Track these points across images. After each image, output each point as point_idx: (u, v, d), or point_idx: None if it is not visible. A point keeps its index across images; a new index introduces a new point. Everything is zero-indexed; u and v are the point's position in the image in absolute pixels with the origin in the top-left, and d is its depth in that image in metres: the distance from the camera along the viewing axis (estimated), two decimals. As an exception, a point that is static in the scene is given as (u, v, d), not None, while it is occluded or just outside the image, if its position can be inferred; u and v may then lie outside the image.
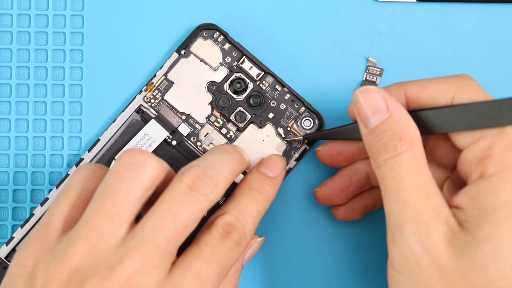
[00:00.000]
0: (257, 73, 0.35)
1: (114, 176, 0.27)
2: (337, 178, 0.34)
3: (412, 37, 0.36)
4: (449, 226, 0.26)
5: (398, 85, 0.29)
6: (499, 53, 0.36)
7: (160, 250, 0.26)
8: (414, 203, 0.26)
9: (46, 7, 0.36)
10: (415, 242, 0.26)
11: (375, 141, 0.28)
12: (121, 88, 0.36)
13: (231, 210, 0.30)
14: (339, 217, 0.34)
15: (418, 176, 0.27)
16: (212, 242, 0.28)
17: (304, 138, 0.34)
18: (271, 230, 0.36)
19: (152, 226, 0.26)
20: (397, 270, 0.27)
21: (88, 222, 0.26)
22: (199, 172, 0.28)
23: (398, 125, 0.28)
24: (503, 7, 0.36)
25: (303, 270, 0.36)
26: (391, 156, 0.27)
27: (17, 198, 0.36)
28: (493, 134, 0.27)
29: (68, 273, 0.26)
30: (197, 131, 0.35)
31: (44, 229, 0.28)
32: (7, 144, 0.36)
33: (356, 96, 0.29)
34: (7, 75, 0.36)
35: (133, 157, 0.27)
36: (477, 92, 0.28)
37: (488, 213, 0.26)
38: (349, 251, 0.36)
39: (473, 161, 0.27)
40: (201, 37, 0.35)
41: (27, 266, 0.27)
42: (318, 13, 0.36)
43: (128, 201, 0.27)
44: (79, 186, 0.28)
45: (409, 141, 0.27)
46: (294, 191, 0.36)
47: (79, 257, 0.26)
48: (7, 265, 0.34)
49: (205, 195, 0.27)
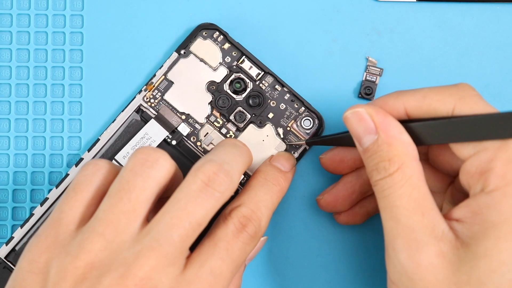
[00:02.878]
0: (257, 73, 0.35)
1: (129, 173, 0.27)
2: (340, 186, 0.34)
3: (412, 37, 0.36)
4: (445, 242, 0.26)
5: (397, 95, 0.29)
6: (499, 53, 0.36)
7: (175, 248, 0.26)
8: (406, 221, 0.27)
9: (45, 7, 0.36)
10: (406, 258, 0.27)
11: (368, 161, 0.28)
12: (120, 88, 0.36)
13: (247, 202, 0.30)
14: (341, 222, 0.34)
15: (411, 194, 0.27)
16: (228, 237, 0.28)
17: (307, 143, 0.34)
18: (271, 230, 0.36)
19: (167, 224, 0.26)
20: (394, 284, 0.28)
21: (103, 218, 0.26)
22: (214, 168, 0.27)
23: (386, 146, 0.28)
24: (503, 7, 0.36)
25: (303, 270, 0.36)
26: (382, 177, 0.28)
27: (17, 198, 0.36)
28: (495, 146, 0.26)
29: (83, 268, 0.26)
30: (196, 131, 0.35)
31: (55, 225, 0.28)
32: (7, 144, 0.36)
33: (346, 118, 0.29)
34: (7, 75, 0.36)
35: (148, 154, 0.28)
36: (478, 103, 0.27)
37: (488, 229, 0.26)
38: (349, 251, 0.36)
39: (475, 173, 0.27)
40: (200, 37, 0.35)
41: (39, 261, 0.27)
42: (318, 13, 0.36)
43: (143, 198, 0.27)
44: (87, 182, 0.28)
45: (399, 161, 0.27)
46: (294, 191, 0.36)
47: (94, 253, 0.26)
48: (6, 265, 0.34)
49: (221, 192, 0.27)
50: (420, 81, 0.36)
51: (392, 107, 0.29)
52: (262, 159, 0.34)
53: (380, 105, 0.29)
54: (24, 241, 0.34)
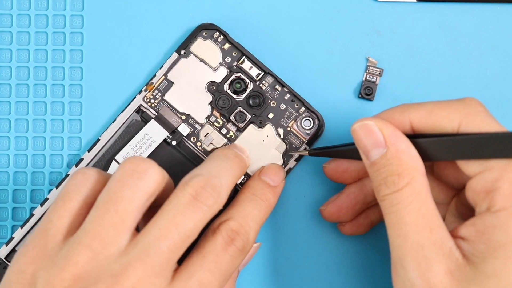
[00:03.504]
0: (257, 73, 0.35)
1: (117, 184, 0.27)
2: (344, 196, 0.33)
3: (412, 37, 0.36)
4: (452, 260, 0.26)
5: (403, 109, 0.29)
6: (499, 53, 0.36)
7: (163, 259, 0.26)
8: (415, 238, 0.27)
9: (46, 7, 0.36)
10: (416, 276, 0.26)
11: (375, 175, 0.28)
12: (121, 88, 0.36)
13: (236, 216, 0.30)
14: (345, 232, 0.34)
15: (419, 210, 0.27)
16: (216, 250, 0.28)
17: (310, 154, 0.34)
18: (271, 230, 0.36)
19: (155, 236, 0.26)
20: None
21: (90, 229, 0.26)
22: (202, 182, 0.27)
23: (396, 160, 0.27)
24: (503, 7, 0.36)
25: (303, 270, 0.36)
26: (391, 192, 0.27)
27: (17, 198, 0.36)
28: (501, 165, 0.26)
29: (70, 280, 0.26)
30: (197, 131, 0.35)
31: (43, 235, 0.27)
32: (7, 144, 0.36)
33: (354, 131, 0.29)
34: (7, 75, 0.36)
35: (136, 165, 0.27)
36: (484, 121, 0.27)
37: (495, 249, 0.26)
38: (349, 251, 0.36)
39: (481, 191, 0.27)
40: (201, 37, 0.35)
41: (26, 272, 0.27)
42: (318, 13, 0.36)
43: (131, 209, 0.27)
44: (76, 192, 0.28)
45: (408, 176, 0.27)
46: (294, 192, 0.36)
47: (81, 265, 0.26)
48: (6, 265, 0.34)
49: (209, 206, 0.27)
50: (420, 81, 0.36)
51: (398, 121, 0.29)
52: (262, 159, 0.34)
53: (386, 119, 0.29)
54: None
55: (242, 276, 0.35)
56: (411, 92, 0.36)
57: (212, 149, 0.35)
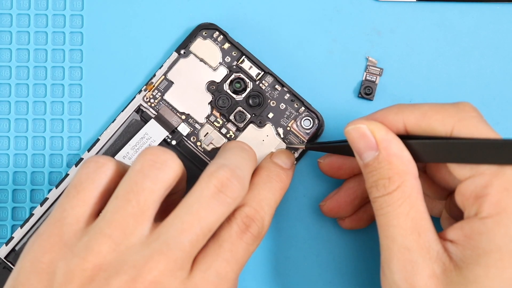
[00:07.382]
0: (257, 73, 0.35)
1: (138, 174, 0.27)
2: (342, 192, 0.34)
3: (412, 37, 0.36)
4: (439, 264, 0.26)
5: (397, 110, 0.29)
6: (499, 53, 0.36)
7: (184, 253, 0.26)
8: (402, 241, 0.27)
9: (45, 6, 0.36)
10: (401, 279, 0.27)
11: (368, 177, 0.28)
12: (120, 88, 0.36)
13: (250, 202, 0.29)
14: (345, 227, 0.34)
15: (408, 213, 0.27)
16: (232, 238, 0.28)
17: (306, 148, 0.34)
18: (271, 230, 0.36)
19: (178, 229, 0.26)
20: None
21: (111, 219, 0.26)
22: (228, 174, 0.27)
23: (387, 164, 0.28)
24: (503, 7, 0.36)
25: (303, 270, 0.36)
26: (381, 195, 0.28)
27: (16, 198, 0.36)
28: (491, 172, 0.26)
29: (91, 270, 0.26)
30: (196, 131, 0.35)
31: (58, 224, 0.27)
32: (7, 144, 0.36)
33: (347, 133, 0.29)
34: (7, 75, 0.36)
35: (157, 156, 0.27)
36: (477, 126, 0.27)
37: (480, 255, 0.26)
38: (349, 251, 0.36)
39: (470, 196, 0.27)
40: (200, 36, 0.35)
41: (42, 262, 0.26)
42: (318, 13, 0.36)
43: (152, 200, 0.27)
44: (89, 180, 0.28)
45: (399, 180, 0.27)
46: (294, 191, 0.36)
47: (102, 255, 0.26)
48: (6, 265, 0.34)
49: (233, 198, 0.27)
50: (420, 81, 0.36)
51: (392, 122, 0.29)
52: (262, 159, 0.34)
53: (380, 119, 0.29)
54: (24, 241, 0.34)
55: (243, 276, 0.35)
56: (411, 92, 0.36)
57: (212, 149, 0.35)
